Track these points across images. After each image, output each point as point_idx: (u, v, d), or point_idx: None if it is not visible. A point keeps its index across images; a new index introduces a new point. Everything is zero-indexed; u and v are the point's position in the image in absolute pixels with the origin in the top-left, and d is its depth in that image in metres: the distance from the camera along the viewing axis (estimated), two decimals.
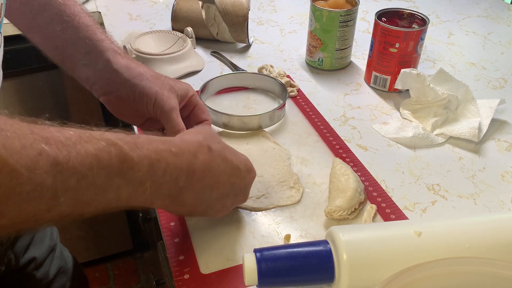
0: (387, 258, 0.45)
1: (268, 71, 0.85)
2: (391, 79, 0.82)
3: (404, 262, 0.44)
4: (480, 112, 0.73)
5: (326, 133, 0.72)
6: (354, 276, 0.43)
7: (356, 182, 0.59)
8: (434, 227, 0.48)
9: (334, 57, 0.88)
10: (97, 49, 0.57)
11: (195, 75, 0.87)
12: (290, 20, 1.09)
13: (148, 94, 0.57)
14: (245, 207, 0.59)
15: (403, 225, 0.49)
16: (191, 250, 0.53)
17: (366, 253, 0.45)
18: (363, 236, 0.46)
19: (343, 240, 0.44)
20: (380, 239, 0.46)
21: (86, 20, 0.59)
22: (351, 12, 0.83)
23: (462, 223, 0.49)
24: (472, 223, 0.49)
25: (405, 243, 0.45)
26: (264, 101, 0.78)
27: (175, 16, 0.96)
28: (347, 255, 0.43)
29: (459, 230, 0.47)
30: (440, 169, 0.67)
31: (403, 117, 0.77)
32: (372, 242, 0.45)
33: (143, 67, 0.59)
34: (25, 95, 1.14)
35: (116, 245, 1.55)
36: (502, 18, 1.13)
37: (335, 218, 0.56)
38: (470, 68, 0.92)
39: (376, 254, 0.45)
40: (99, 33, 0.58)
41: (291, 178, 0.63)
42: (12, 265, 0.70)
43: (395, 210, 0.59)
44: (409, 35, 0.77)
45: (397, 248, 0.45)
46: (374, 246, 0.45)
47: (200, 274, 0.51)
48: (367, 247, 0.45)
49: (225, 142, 0.52)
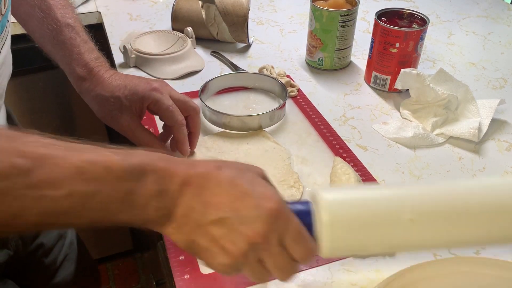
0: (375, 220, 0.40)
1: (269, 71, 0.85)
2: (391, 79, 0.82)
3: (394, 228, 0.40)
4: (480, 112, 0.73)
5: (326, 133, 0.72)
6: (335, 237, 0.40)
7: (357, 182, 0.59)
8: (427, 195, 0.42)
9: (334, 57, 0.88)
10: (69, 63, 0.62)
11: (195, 75, 0.87)
12: (290, 20, 1.09)
13: (100, 118, 0.61)
14: None
15: (394, 189, 0.43)
16: None
17: (349, 214, 0.40)
18: (347, 197, 0.41)
19: (324, 198, 0.40)
20: (368, 199, 0.41)
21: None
22: (351, 12, 0.83)
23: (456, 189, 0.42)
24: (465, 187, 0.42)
25: (395, 208, 0.40)
26: (264, 101, 0.78)
27: (175, 16, 0.96)
28: (326, 214, 0.40)
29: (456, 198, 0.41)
30: (440, 169, 0.67)
31: (403, 117, 0.77)
32: (358, 202, 0.41)
33: (99, 86, 0.60)
34: (28, 95, 1.14)
35: (116, 245, 1.55)
36: (502, 18, 1.13)
37: None
38: (470, 68, 0.92)
39: (362, 216, 0.40)
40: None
41: (291, 177, 0.63)
42: (20, 251, 0.71)
43: None
44: (409, 35, 0.77)
45: (385, 212, 0.40)
46: (360, 206, 0.40)
47: (200, 274, 0.51)
48: (350, 208, 0.40)
49: (225, 142, 0.52)
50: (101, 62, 0.63)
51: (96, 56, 0.63)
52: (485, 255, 0.54)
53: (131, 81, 0.61)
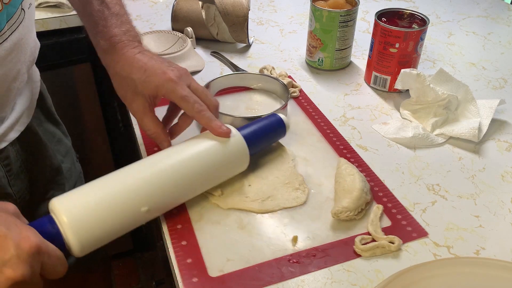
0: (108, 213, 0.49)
1: (270, 72, 0.85)
2: (391, 79, 0.82)
3: (133, 218, 0.51)
4: (480, 112, 0.73)
5: (329, 134, 0.72)
6: (80, 236, 0.46)
7: (362, 182, 0.59)
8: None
9: (334, 57, 0.88)
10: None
11: (195, 75, 0.87)
12: (290, 20, 1.09)
13: (118, 96, 0.61)
14: (251, 210, 0.58)
15: (129, 179, 0.52)
16: (199, 253, 0.53)
17: (87, 212, 0.47)
18: (84, 198, 0.49)
19: (58, 205, 0.47)
20: (98, 198, 0.49)
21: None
22: (351, 12, 0.83)
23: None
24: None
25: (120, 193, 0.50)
26: (266, 102, 0.78)
27: (175, 16, 0.96)
28: (66, 218, 0.46)
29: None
30: (440, 169, 0.67)
31: (403, 117, 0.77)
32: (95, 200, 0.49)
33: (120, 63, 0.59)
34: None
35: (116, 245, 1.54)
36: (502, 18, 1.13)
37: (342, 219, 0.56)
38: (470, 68, 0.92)
39: (101, 213, 0.48)
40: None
41: (296, 179, 0.63)
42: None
43: (401, 210, 0.59)
44: (409, 35, 0.77)
45: (123, 208, 0.50)
46: (98, 204, 0.48)
47: (209, 277, 0.51)
48: (88, 207, 0.48)
49: None
50: (129, 36, 0.61)
51: (125, 29, 0.61)
52: (485, 255, 0.54)
53: (152, 65, 0.58)
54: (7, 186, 0.63)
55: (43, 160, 0.70)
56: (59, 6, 1.07)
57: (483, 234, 0.56)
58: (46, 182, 0.72)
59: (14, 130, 0.62)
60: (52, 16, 1.05)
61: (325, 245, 0.54)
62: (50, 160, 0.71)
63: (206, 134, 0.59)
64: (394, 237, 0.54)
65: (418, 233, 0.56)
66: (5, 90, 0.56)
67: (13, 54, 0.55)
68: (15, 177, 0.64)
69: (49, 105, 0.76)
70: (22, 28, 0.56)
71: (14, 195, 0.64)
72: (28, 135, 0.66)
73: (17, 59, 0.57)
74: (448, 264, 0.47)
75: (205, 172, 0.56)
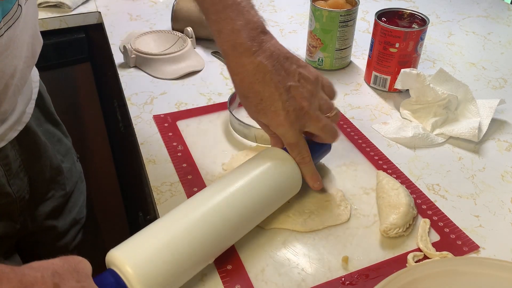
0: (177, 263, 0.46)
1: None
2: (391, 79, 0.82)
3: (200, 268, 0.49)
4: (480, 112, 0.73)
5: (357, 139, 0.70)
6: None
7: (408, 197, 0.57)
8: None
9: (334, 57, 0.88)
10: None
11: (195, 75, 0.87)
12: (290, 20, 1.09)
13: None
14: (294, 229, 0.56)
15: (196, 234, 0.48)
16: (247, 279, 0.51)
17: (156, 268, 0.44)
18: (152, 258, 0.45)
19: (121, 259, 0.44)
20: (163, 248, 0.46)
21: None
22: (351, 12, 0.83)
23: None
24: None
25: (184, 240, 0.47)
26: None
27: (175, 16, 0.96)
28: (132, 270, 0.43)
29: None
30: (440, 169, 0.67)
31: (403, 117, 0.77)
32: (158, 255, 0.45)
33: (239, 76, 0.56)
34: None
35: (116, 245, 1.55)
36: (502, 18, 1.13)
37: (391, 236, 0.54)
38: (470, 68, 0.92)
39: (165, 264, 0.45)
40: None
41: (336, 194, 0.60)
42: (28, 226, 0.71)
43: (447, 223, 0.57)
44: (409, 35, 0.77)
45: (191, 265, 0.47)
46: (161, 258, 0.45)
47: None
48: (155, 263, 0.44)
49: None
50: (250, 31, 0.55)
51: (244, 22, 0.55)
52: (485, 255, 0.54)
53: (268, 97, 0.54)
54: (6, 185, 0.63)
55: (43, 160, 0.70)
56: (59, 6, 1.07)
57: (483, 234, 0.56)
58: (46, 182, 0.72)
59: (13, 130, 0.62)
60: (52, 16, 1.05)
61: (376, 265, 0.52)
62: (49, 160, 0.71)
63: (259, 162, 0.56)
64: (448, 253, 0.52)
65: (469, 247, 0.54)
66: (2, 87, 0.56)
67: (9, 50, 0.55)
68: (14, 176, 0.64)
69: (49, 105, 0.76)
70: (18, 24, 0.56)
71: (13, 194, 0.64)
72: (28, 135, 0.66)
73: (13, 55, 0.57)
74: (447, 264, 0.47)
75: (268, 211, 0.55)
